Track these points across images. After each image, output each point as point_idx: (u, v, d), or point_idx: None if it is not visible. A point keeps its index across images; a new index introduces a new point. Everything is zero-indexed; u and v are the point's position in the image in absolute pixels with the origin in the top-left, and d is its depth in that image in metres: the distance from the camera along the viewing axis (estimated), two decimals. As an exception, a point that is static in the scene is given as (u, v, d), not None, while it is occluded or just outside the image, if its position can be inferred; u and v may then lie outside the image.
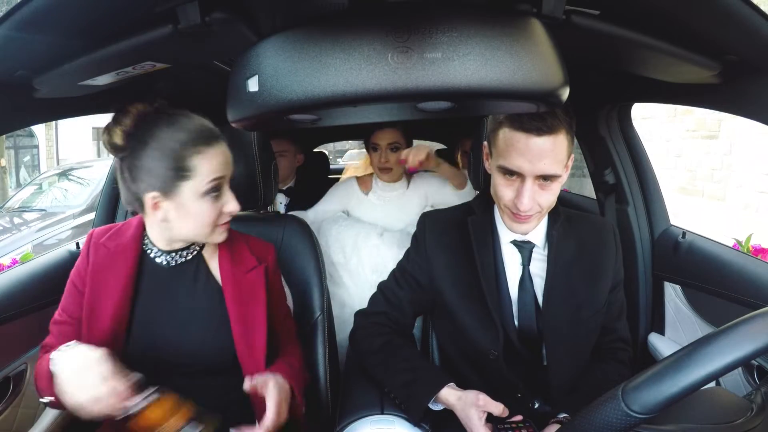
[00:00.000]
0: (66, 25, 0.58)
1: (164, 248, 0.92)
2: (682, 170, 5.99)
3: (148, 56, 0.68)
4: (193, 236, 0.90)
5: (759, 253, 1.37)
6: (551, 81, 0.52)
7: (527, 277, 0.96)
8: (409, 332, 1.06)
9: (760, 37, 0.60)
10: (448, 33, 0.49)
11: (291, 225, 1.21)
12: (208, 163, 0.84)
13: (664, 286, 1.34)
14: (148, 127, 0.84)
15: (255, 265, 0.97)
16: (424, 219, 1.07)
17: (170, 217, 0.85)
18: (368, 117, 0.66)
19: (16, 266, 1.21)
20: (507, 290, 0.96)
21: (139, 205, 0.87)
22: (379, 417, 0.92)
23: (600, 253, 0.99)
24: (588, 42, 0.68)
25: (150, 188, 0.83)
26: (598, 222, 1.06)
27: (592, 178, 1.51)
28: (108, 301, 0.87)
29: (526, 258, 0.96)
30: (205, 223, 0.86)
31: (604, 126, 1.38)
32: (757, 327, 0.47)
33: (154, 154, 0.82)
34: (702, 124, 5.53)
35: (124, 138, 0.85)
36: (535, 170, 0.84)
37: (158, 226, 0.89)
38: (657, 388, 0.48)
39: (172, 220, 0.86)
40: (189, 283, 0.93)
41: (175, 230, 0.88)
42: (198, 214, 0.85)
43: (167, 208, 0.85)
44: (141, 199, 0.85)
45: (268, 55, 0.53)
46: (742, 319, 0.49)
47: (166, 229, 0.89)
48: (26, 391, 1.11)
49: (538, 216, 0.91)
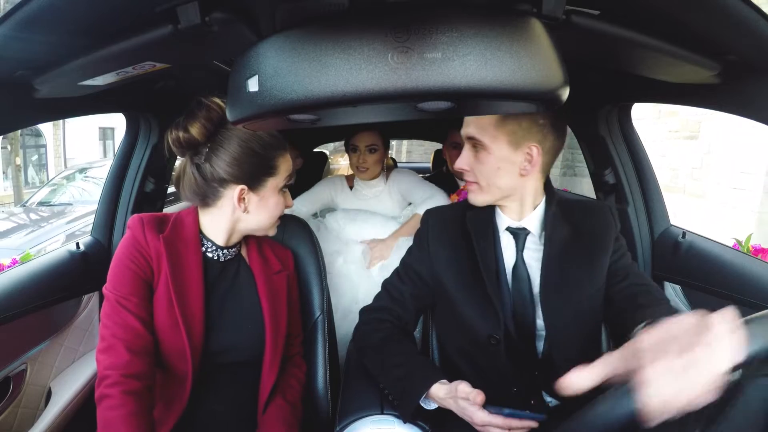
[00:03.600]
0: (66, 24, 0.58)
1: (220, 243, 0.96)
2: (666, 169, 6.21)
3: (148, 56, 0.68)
4: (260, 227, 0.97)
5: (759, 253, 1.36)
6: (551, 81, 0.52)
7: (521, 263, 0.97)
8: (410, 329, 1.07)
9: (760, 37, 0.60)
10: (448, 33, 0.49)
11: (291, 225, 1.21)
12: (285, 163, 0.96)
13: (664, 286, 1.34)
14: (232, 126, 0.89)
15: (280, 269, 1.04)
16: (427, 216, 1.09)
17: (251, 208, 0.93)
18: (368, 117, 0.66)
19: (16, 266, 1.21)
20: (505, 278, 0.97)
21: (213, 198, 0.92)
22: (379, 417, 0.93)
23: (597, 231, 1.00)
24: (588, 42, 0.68)
25: (238, 181, 0.90)
26: (592, 204, 1.07)
27: (592, 178, 1.52)
28: (194, 297, 0.90)
29: (521, 245, 0.98)
30: (275, 215, 0.97)
31: (604, 126, 1.38)
32: None
33: (245, 151, 0.89)
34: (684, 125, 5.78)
35: (204, 134, 0.89)
36: (464, 132, 0.95)
37: (228, 217, 0.94)
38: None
39: (252, 211, 0.94)
40: (233, 279, 0.98)
41: (248, 221, 0.95)
42: (274, 206, 0.96)
43: (250, 200, 0.93)
44: (219, 191, 0.91)
45: (268, 55, 0.53)
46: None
47: (238, 220, 0.94)
48: (26, 391, 1.11)
49: (477, 188, 0.97)
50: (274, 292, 0.99)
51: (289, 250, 1.11)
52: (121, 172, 1.39)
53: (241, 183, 0.91)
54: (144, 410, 0.82)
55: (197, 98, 0.90)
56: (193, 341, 0.88)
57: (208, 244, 0.96)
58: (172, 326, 0.87)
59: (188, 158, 0.92)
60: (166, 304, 0.88)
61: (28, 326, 1.12)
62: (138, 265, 0.88)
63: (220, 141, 0.89)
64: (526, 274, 0.96)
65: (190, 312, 0.89)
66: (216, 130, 0.90)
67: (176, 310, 0.87)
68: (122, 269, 0.87)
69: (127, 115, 1.34)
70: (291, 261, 1.09)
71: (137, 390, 0.81)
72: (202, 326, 0.90)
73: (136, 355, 0.83)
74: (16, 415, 1.09)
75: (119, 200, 1.39)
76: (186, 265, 0.91)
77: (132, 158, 1.39)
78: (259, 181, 0.92)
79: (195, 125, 0.88)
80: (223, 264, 0.98)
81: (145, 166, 1.39)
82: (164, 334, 0.88)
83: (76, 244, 1.32)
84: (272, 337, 0.96)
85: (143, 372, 0.84)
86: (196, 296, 0.90)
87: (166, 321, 0.88)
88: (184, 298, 0.88)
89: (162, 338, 0.88)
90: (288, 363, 1.06)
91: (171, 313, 0.87)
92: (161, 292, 0.88)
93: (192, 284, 0.90)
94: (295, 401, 1.01)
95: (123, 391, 0.80)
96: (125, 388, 0.80)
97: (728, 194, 5.18)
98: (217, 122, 0.90)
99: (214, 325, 0.93)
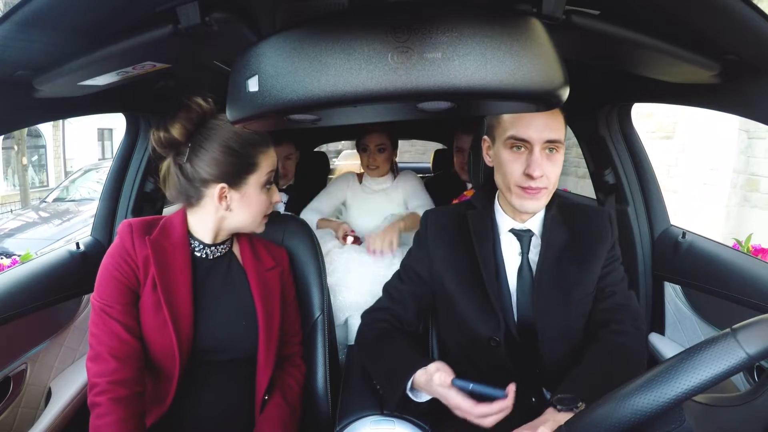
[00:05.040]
0: (66, 25, 0.58)
1: (207, 242, 0.97)
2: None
3: (148, 56, 0.68)
4: (245, 225, 0.97)
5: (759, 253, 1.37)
6: (551, 81, 0.52)
7: (526, 265, 0.97)
8: (410, 329, 1.06)
9: (760, 37, 0.60)
10: (448, 33, 0.49)
11: (291, 225, 1.21)
12: (267, 159, 0.95)
13: (664, 286, 1.34)
14: (212, 125, 0.91)
15: (273, 266, 1.04)
16: (426, 217, 1.09)
17: (233, 206, 0.93)
18: (368, 117, 0.66)
19: (16, 266, 1.21)
20: (506, 280, 0.97)
21: (196, 197, 0.93)
22: (379, 417, 0.93)
23: (593, 239, 1.00)
24: (588, 42, 0.68)
25: (218, 180, 0.91)
26: (592, 210, 1.07)
27: (592, 178, 1.51)
28: (182, 297, 0.90)
29: (525, 247, 0.98)
30: (259, 211, 0.97)
31: (604, 126, 1.38)
32: None
33: (224, 150, 0.90)
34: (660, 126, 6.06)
35: (184, 134, 0.90)
36: (542, 137, 0.89)
37: (212, 216, 0.94)
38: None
39: (235, 209, 0.94)
40: (224, 276, 0.98)
41: (233, 219, 0.95)
42: (257, 203, 0.96)
43: (232, 198, 0.93)
44: (201, 191, 0.92)
45: (268, 55, 0.53)
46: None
47: (223, 219, 0.95)
48: (26, 391, 1.11)
49: (546, 194, 0.93)
50: (266, 289, 1.00)
51: (283, 248, 1.11)
52: (121, 172, 1.39)
53: (221, 182, 0.91)
54: (133, 416, 0.83)
55: (179, 98, 0.90)
56: (181, 340, 0.88)
57: (196, 244, 0.96)
58: (160, 327, 0.88)
59: (171, 159, 0.93)
60: (154, 306, 0.88)
61: (28, 326, 1.11)
62: (122, 274, 0.89)
63: (200, 141, 0.90)
64: (531, 277, 0.96)
65: (178, 311, 0.89)
66: (196, 130, 0.91)
67: (164, 310, 0.87)
68: (107, 278, 0.89)
69: (127, 115, 1.34)
70: (285, 258, 1.09)
71: (125, 397, 0.83)
72: (191, 325, 0.90)
73: (123, 362, 0.84)
74: (16, 415, 1.08)
75: (119, 200, 1.39)
76: (173, 265, 0.91)
77: (132, 158, 1.39)
78: (239, 179, 0.92)
79: (175, 125, 0.89)
80: (213, 262, 0.98)
81: (145, 166, 1.39)
82: (152, 335, 0.89)
83: (76, 244, 1.32)
84: (265, 334, 0.96)
85: (131, 378, 0.85)
86: (184, 295, 0.90)
87: (154, 322, 0.88)
88: (172, 297, 0.89)
89: (150, 340, 0.89)
90: (287, 363, 1.06)
91: (159, 314, 0.88)
92: (148, 295, 0.89)
93: (180, 284, 0.90)
94: (294, 402, 1.01)
95: (111, 399, 0.82)
96: (113, 396, 0.82)
97: (699, 189, 5.62)
98: (196, 122, 0.91)
99: (206, 323, 0.93)
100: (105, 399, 0.82)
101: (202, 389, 0.94)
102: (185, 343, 0.89)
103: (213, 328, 0.94)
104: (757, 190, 5.33)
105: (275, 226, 1.22)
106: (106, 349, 0.84)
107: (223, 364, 0.96)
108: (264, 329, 0.96)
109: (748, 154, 5.35)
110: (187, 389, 0.92)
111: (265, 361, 0.97)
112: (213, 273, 0.97)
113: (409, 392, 0.89)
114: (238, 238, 1.04)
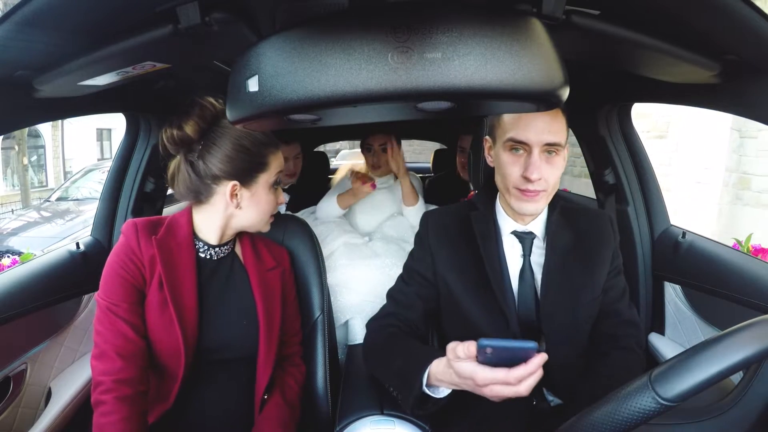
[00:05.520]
0: (66, 25, 0.58)
1: (212, 242, 0.98)
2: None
3: (148, 56, 0.68)
4: (253, 223, 0.99)
5: (759, 253, 1.36)
6: (551, 81, 0.52)
7: (527, 267, 0.97)
8: (419, 332, 1.04)
9: (760, 37, 0.60)
10: (448, 33, 0.49)
11: (291, 225, 1.21)
12: (276, 159, 0.97)
13: (664, 286, 1.34)
14: (225, 123, 0.92)
15: (275, 266, 1.05)
16: (426, 218, 1.08)
17: (243, 204, 0.95)
18: (368, 117, 0.66)
19: (16, 266, 1.21)
20: (509, 281, 0.97)
21: (205, 195, 0.94)
22: (379, 417, 0.93)
23: (597, 242, 1.00)
24: (588, 42, 0.68)
25: (230, 177, 0.92)
26: (594, 213, 1.08)
27: (592, 178, 1.51)
28: (188, 296, 0.91)
29: (527, 249, 0.98)
30: (267, 210, 0.99)
31: (604, 126, 1.38)
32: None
33: (237, 147, 0.91)
34: (654, 126, 6.13)
35: (198, 131, 0.91)
36: (541, 139, 0.88)
37: (221, 214, 0.95)
38: (688, 375, 0.48)
39: (244, 207, 0.96)
40: (227, 277, 1.00)
41: (241, 218, 0.97)
42: (265, 202, 0.98)
43: (242, 197, 0.95)
44: (211, 188, 0.93)
45: (268, 55, 0.53)
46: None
47: (231, 217, 0.96)
48: (26, 391, 1.11)
49: (545, 196, 0.93)
50: (267, 289, 1.00)
51: (284, 248, 1.12)
52: (120, 172, 1.39)
53: (234, 179, 0.92)
54: (136, 415, 0.83)
55: (191, 97, 0.92)
56: (187, 339, 0.89)
57: (200, 245, 0.97)
58: (166, 326, 0.88)
59: (182, 156, 0.93)
60: (160, 305, 0.89)
61: (28, 326, 1.11)
62: (128, 272, 0.89)
63: (213, 138, 0.91)
64: (532, 279, 0.96)
65: (184, 310, 0.89)
66: (209, 128, 0.92)
67: (171, 308, 0.88)
68: (113, 276, 0.89)
69: (127, 115, 1.34)
70: (287, 258, 1.10)
71: (130, 395, 0.83)
72: (196, 324, 0.91)
73: (128, 361, 0.85)
74: (16, 415, 1.08)
75: (119, 200, 1.39)
76: (179, 265, 0.92)
77: (132, 158, 1.39)
78: (250, 177, 0.94)
79: (189, 123, 0.90)
80: (216, 262, 0.99)
81: (145, 166, 1.39)
82: (158, 335, 0.89)
83: (76, 244, 1.32)
84: (266, 333, 0.97)
85: (135, 377, 0.85)
86: (190, 295, 0.91)
87: (160, 321, 0.88)
88: (178, 296, 0.89)
89: (156, 339, 0.89)
90: (286, 363, 1.06)
91: (166, 314, 0.88)
92: (154, 294, 0.89)
93: (186, 283, 0.91)
94: (293, 401, 1.02)
95: (116, 398, 0.82)
96: (118, 395, 0.82)
97: (692, 188, 5.73)
98: (210, 120, 0.92)
99: (209, 323, 0.94)
100: (110, 397, 0.82)
101: (204, 388, 0.94)
102: (191, 341, 0.90)
103: (216, 328, 0.94)
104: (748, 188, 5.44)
105: (276, 226, 1.22)
106: (111, 347, 0.85)
107: (224, 363, 0.96)
108: (265, 329, 0.97)
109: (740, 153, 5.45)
110: (190, 388, 0.92)
111: (265, 361, 0.97)
112: (216, 274, 0.98)
113: (426, 389, 0.81)
114: (241, 238, 1.04)
